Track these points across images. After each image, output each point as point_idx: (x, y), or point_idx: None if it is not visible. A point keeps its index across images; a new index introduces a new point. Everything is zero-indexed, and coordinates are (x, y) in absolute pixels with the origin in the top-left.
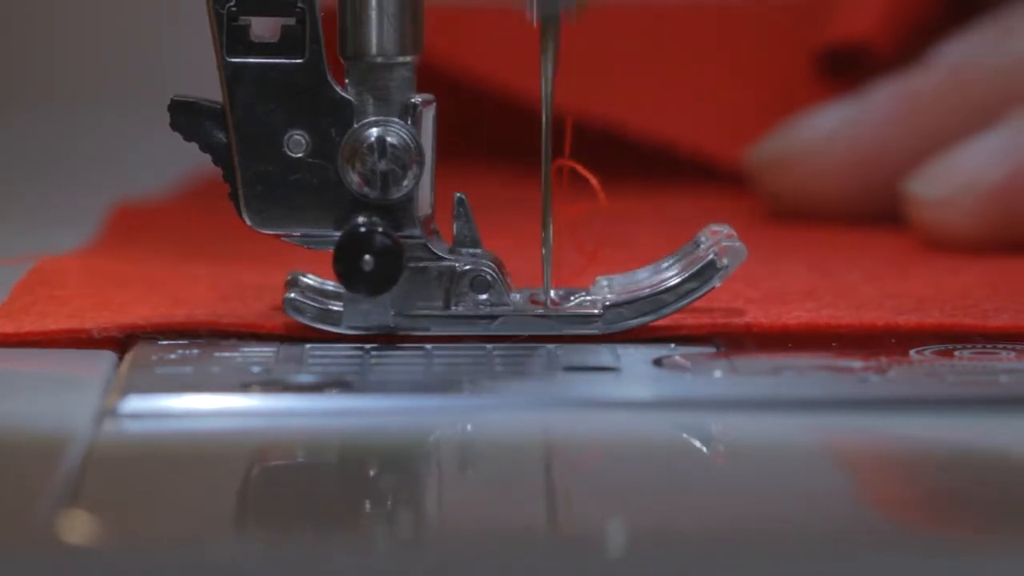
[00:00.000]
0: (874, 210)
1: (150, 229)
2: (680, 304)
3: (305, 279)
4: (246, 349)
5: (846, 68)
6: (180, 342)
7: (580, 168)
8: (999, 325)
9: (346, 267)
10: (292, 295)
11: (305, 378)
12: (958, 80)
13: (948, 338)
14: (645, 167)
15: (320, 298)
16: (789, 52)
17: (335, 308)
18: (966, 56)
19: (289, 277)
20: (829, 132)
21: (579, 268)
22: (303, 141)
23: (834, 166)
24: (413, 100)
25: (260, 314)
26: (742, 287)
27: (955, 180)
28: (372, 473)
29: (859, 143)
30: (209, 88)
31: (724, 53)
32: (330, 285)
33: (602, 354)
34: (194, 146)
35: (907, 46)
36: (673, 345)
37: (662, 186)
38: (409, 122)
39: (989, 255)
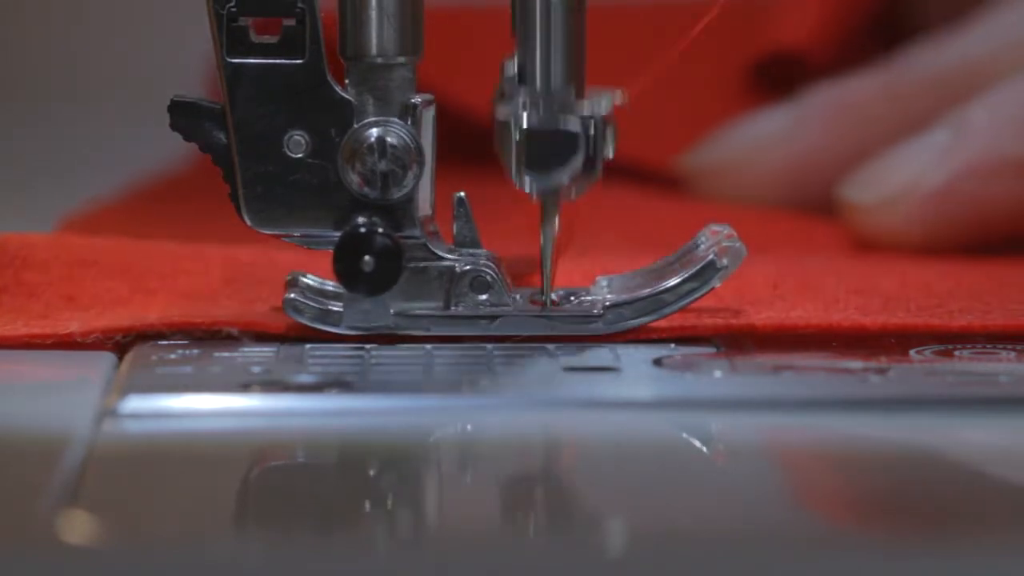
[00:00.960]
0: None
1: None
2: (680, 304)
3: (305, 279)
4: (246, 349)
5: (780, 77)
6: (180, 342)
7: None
8: (1000, 324)
9: (346, 267)
10: (292, 295)
11: (305, 378)
12: (892, 88)
13: (948, 338)
14: None
15: (320, 298)
16: (723, 58)
17: (335, 308)
18: (900, 65)
19: (289, 277)
20: (764, 140)
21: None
22: (303, 141)
23: (769, 174)
24: (413, 100)
25: (260, 314)
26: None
27: (892, 185)
28: (372, 473)
29: (794, 151)
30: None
31: (657, 56)
32: (330, 285)
33: (602, 354)
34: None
35: (840, 56)
36: (673, 345)
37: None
38: (409, 122)
39: (987, 255)
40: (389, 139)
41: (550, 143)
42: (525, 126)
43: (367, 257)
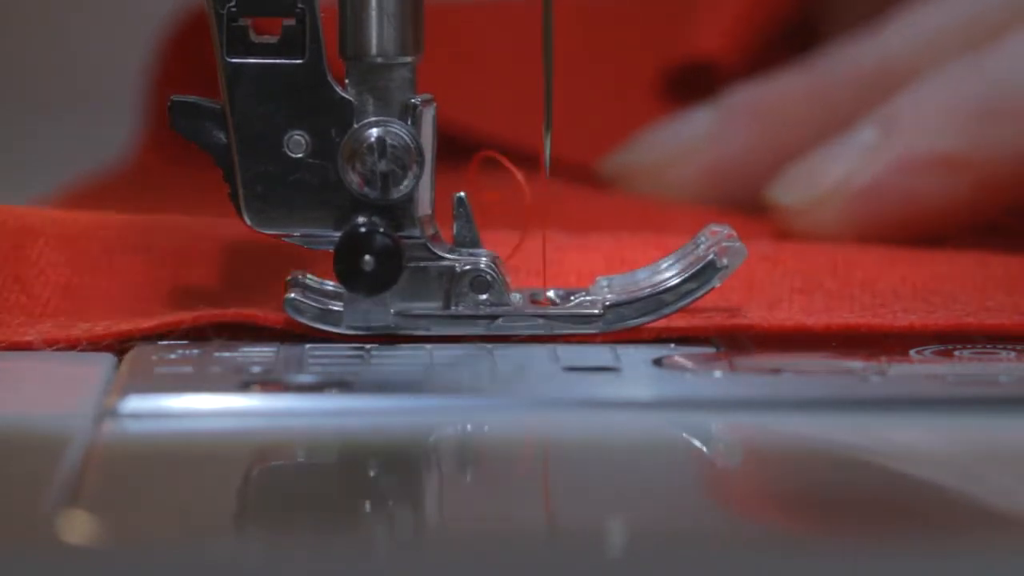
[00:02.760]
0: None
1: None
2: (680, 304)
3: (305, 279)
4: (246, 349)
5: (695, 84)
6: (180, 342)
7: (504, 160)
8: (1000, 324)
9: (346, 267)
10: (292, 295)
11: (305, 378)
12: (814, 88)
13: (948, 338)
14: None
15: (320, 298)
16: (639, 65)
17: (335, 308)
18: (821, 64)
19: (290, 277)
20: (687, 142)
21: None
22: (303, 141)
23: (694, 176)
24: (413, 100)
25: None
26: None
27: (822, 184)
28: (372, 473)
29: (718, 153)
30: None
31: (579, 55)
32: (330, 285)
33: (602, 354)
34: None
35: (755, 62)
36: (673, 345)
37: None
38: (409, 122)
39: (983, 249)
40: (389, 139)
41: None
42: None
43: (367, 257)
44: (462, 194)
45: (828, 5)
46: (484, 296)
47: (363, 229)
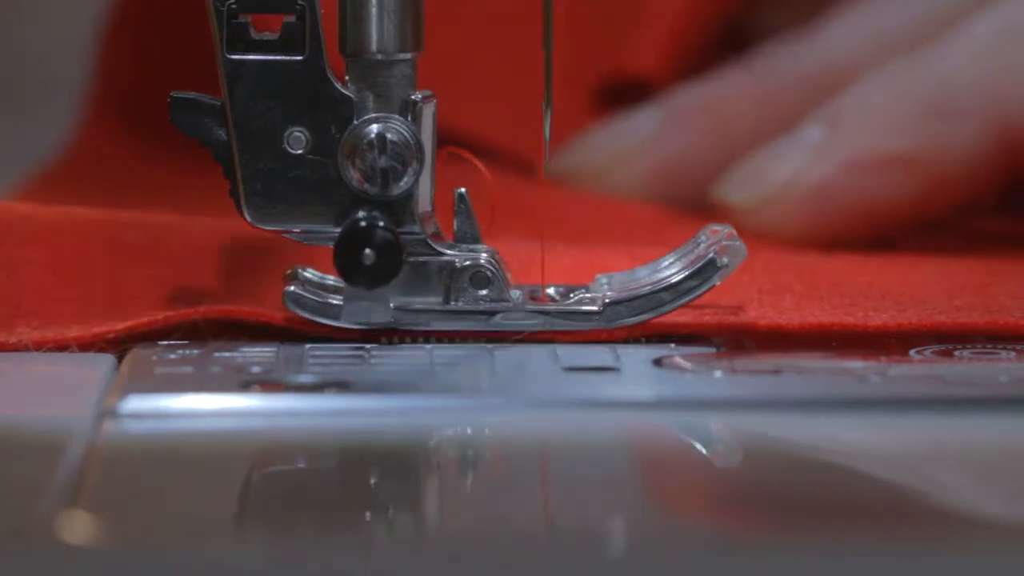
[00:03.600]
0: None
1: None
2: (680, 302)
3: (305, 273)
4: (246, 349)
5: (628, 101)
6: (180, 342)
7: (467, 155)
8: (1001, 323)
9: (346, 262)
10: (292, 288)
11: (305, 378)
12: (757, 88)
13: (948, 338)
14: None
15: (320, 292)
16: (571, 83)
17: (335, 302)
18: (763, 65)
19: (289, 271)
20: (632, 143)
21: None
22: (303, 138)
23: (639, 176)
24: (413, 97)
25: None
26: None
27: (770, 183)
28: (372, 473)
29: (663, 153)
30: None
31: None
32: (330, 279)
33: (602, 354)
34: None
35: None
36: (673, 345)
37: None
38: (409, 119)
39: (981, 252)
40: (389, 135)
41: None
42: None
43: (367, 251)
44: (463, 190)
45: (761, 23)
46: (484, 292)
47: (363, 224)
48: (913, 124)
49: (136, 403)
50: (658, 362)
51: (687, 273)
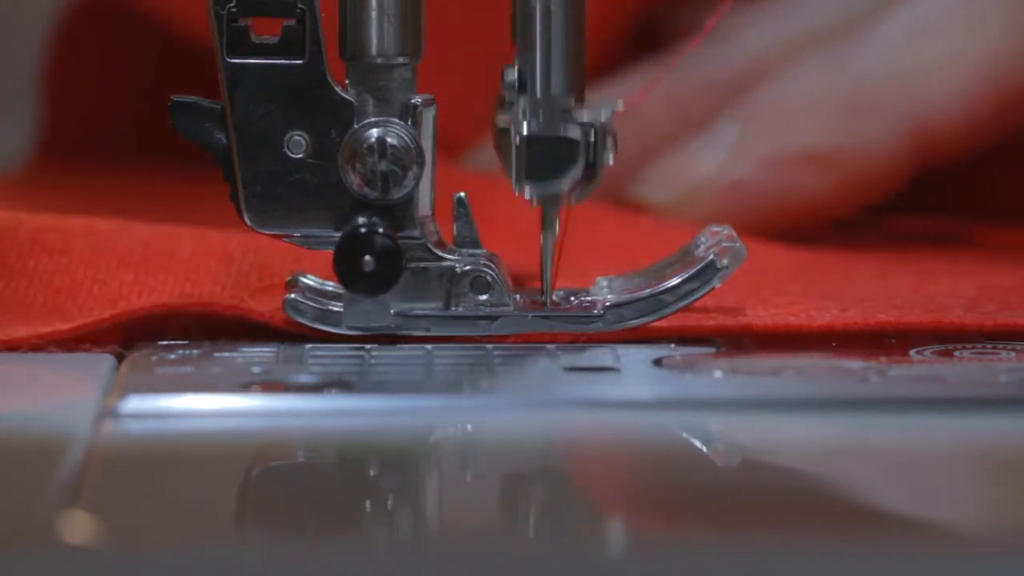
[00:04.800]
0: None
1: None
2: (680, 304)
3: (305, 280)
4: (246, 349)
5: None
6: (180, 342)
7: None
8: (1000, 323)
9: (346, 267)
10: (292, 296)
11: (305, 378)
12: (670, 89)
13: (948, 338)
14: None
15: (320, 299)
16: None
17: (335, 309)
18: (681, 65)
19: (290, 278)
20: None
21: None
22: (303, 142)
23: None
24: (413, 101)
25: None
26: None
27: (689, 181)
28: (372, 473)
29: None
30: None
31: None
32: (330, 286)
33: (602, 354)
34: None
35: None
36: (673, 345)
37: None
38: (409, 123)
39: (979, 252)
40: (389, 139)
41: (550, 150)
42: (525, 133)
43: (367, 257)
44: (462, 194)
45: (674, 23)
46: (484, 297)
47: (363, 229)
48: (828, 121)
49: (136, 403)
50: (658, 362)
51: (687, 275)
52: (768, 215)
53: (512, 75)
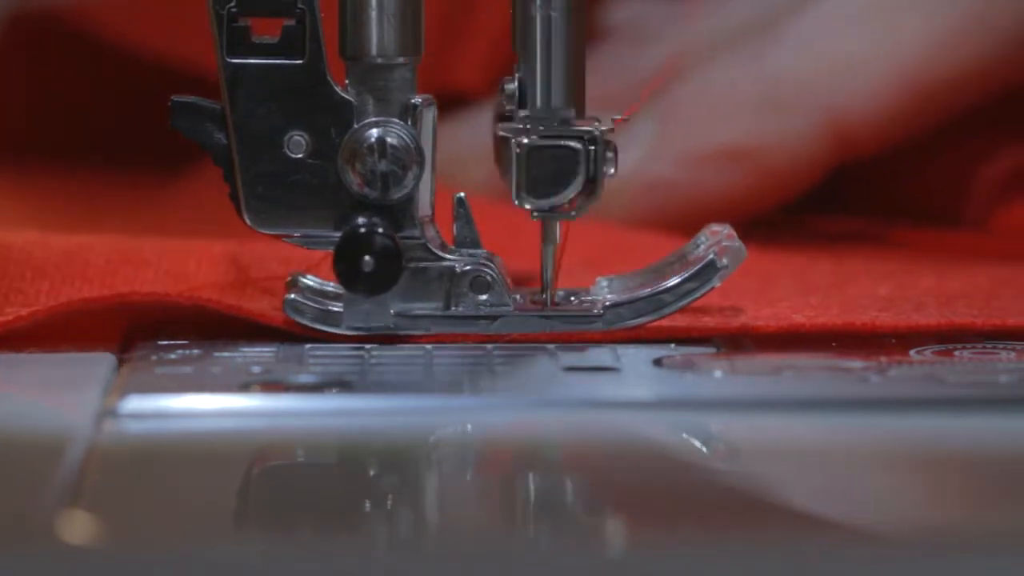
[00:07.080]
0: None
1: None
2: (680, 304)
3: (305, 280)
4: (246, 349)
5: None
6: (180, 342)
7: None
8: (999, 323)
9: (346, 267)
10: (292, 296)
11: (305, 378)
12: (594, 91)
13: (948, 338)
14: None
15: (320, 299)
16: None
17: (335, 309)
18: (600, 68)
19: (289, 279)
20: (472, 145)
21: None
22: (303, 142)
23: (483, 179)
24: (413, 101)
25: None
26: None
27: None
28: (372, 473)
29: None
30: None
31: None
32: (330, 286)
33: (602, 354)
34: None
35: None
36: (673, 345)
37: None
38: (409, 123)
39: (978, 253)
40: (389, 139)
41: (550, 161)
42: (526, 142)
43: (367, 257)
44: (462, 194)
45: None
46: (484, 297)
47: (363, 229)
48: (745, 118)
49: (136, 403)
50: (658, 362)
51: (687, 275)
52: (687, 213)
53: (512, 86)
